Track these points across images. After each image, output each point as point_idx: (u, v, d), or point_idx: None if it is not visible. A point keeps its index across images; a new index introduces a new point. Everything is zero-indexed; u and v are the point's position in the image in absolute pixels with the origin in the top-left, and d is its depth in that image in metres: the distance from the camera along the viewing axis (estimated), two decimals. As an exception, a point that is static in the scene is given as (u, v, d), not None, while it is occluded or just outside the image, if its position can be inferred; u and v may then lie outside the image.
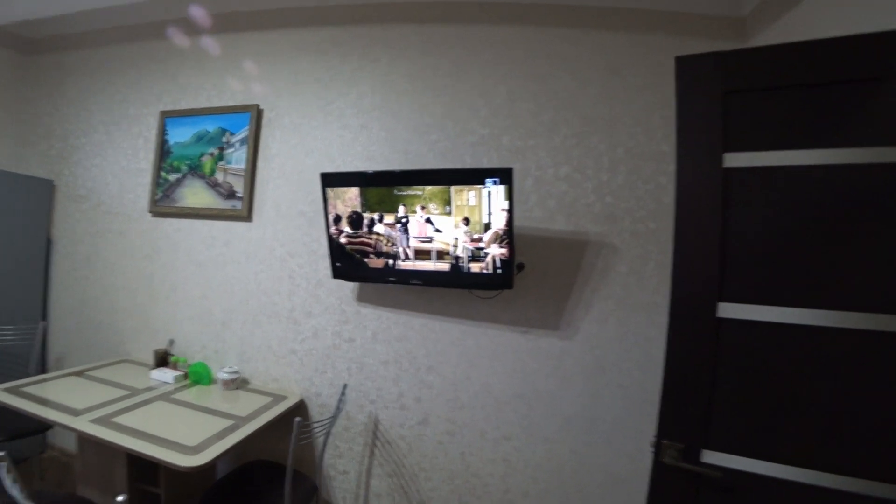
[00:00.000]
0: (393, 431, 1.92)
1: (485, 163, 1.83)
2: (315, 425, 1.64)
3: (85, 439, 1.53)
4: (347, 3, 2.06)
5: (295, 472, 1.72)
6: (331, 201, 1.80)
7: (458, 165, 1.84)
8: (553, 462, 1.73)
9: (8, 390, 1.76)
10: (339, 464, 2.01)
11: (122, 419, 1.58)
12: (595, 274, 1.71)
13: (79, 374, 2.05)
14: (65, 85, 2.75)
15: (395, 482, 1.92)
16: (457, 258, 1.65)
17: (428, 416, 1.87)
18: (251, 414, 1.74)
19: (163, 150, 2.35)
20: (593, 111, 1.74)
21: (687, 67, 1.15)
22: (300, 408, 2.01)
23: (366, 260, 1.81)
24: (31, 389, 1.80)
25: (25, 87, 2.87)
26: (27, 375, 2.21)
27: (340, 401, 1.86)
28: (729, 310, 1.08)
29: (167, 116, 2.35)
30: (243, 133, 2.16)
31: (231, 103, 2.23)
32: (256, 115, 2.16)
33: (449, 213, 1.61)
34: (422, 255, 1.70)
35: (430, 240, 1.67)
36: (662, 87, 1.65)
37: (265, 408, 1.81)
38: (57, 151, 2.71)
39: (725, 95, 1.10)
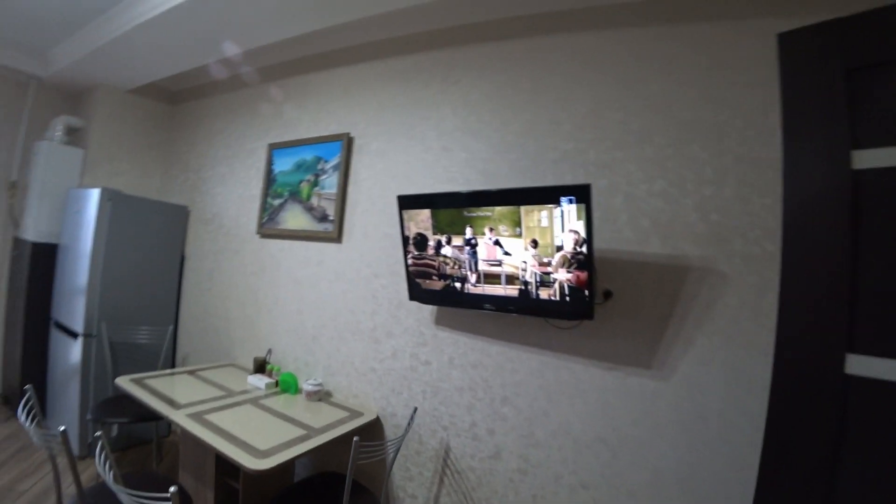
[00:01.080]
0: (463, 462, 1.91)
1: (568, 180, 1.78)
2: (381, 445, 1.72)
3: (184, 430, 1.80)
4: (429, 29, 2.21)
5: (364, 490, 1.81)
6: (406, 223, 1.91)
7: (540, 183, 1.82)
8: (640, 522, 1.55)
9: (133, 381, 2.17)
10: (409, 487, 2.05)
11: (212, 417, 1.83)
12: (698, 305, 1.53)
13: (191, 372, 2.44)
14: (198, 127, 3.39)
15: (463, 516, 1.90)
16: (525, 283, 1.62)
17: (500, 451, 1.83)
18: (325, 426, 1.87)
19: (269, 179, 2.74)
20: (692, 115, 1.59)
21: (794, 44, 0.97)
22: (375, 425, 2.11)
23: (427, 282, 1.87)
24: (151, 382, 2.19)
25: (170, 130, 3.62)
26: (161, 368, 2.71)
27: (409, 424, 1.92)
28: (862, 365, 0.85)
29: (274, 148, 2.74)
30: (336, 160, 2.42)
31: (325, 133, 2.51)
32: (347, 142, 2.40)
33: (519, 235, 1.60)
34: (491, 278, 1.70)
35: (499, 263, 1.67)
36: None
37: (340, 422, 1.95)
38: (191, 182, 3.33)
39: (849, 74, 0.88)
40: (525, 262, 1.61)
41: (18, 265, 3.40)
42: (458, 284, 1.80)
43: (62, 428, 1.39)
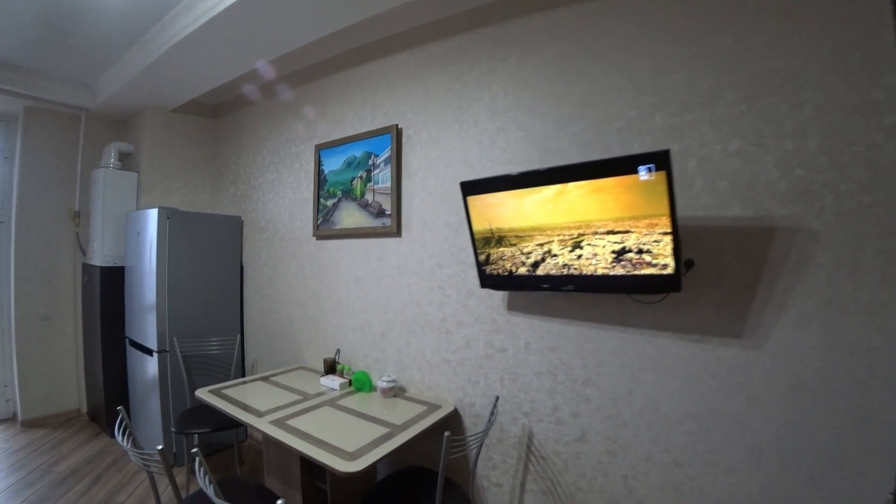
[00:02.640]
0: (548, 447, 2.05)
1: (636, 148, 1.85)
2: (468, 439, 1.88)
3: (267, 437, 2.02)
4: (466, 8, 2.32)
5: (448, 481, 1.98)
6: (472, 209, 2.05)
7: (604, 156, 1.88)
8: (737, 498, 1.63)
9: (212, 392, 2.45)
10: (493, 475, 2.22)
11: (294, 422, 2.04)
12: (788, 268, 1.58)
13: (264, 379, 2.71)
14: (242, 137, 3.68)
15: (550, 501, 2.04)
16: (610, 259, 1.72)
17: (586, 433, 1.95)
18: (406, 422, 2.06)
19: (320, 179, 2.96)
20: (764, 66, 1.62)
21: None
22: (454, 417, 2.29)
23: (500, 268, 2.00)
24: (229, 392, 2.46)
25: (215, 144, 3.95)
26: (229, 378, 3.02)
27: (492, 413, 2.07)
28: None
29: (321, 149, 2.96)
30: (387, 153, 2.60)
31: (373, 127, 2.69)
32: (396, 134, 2.57)
33: (595, 211, 1.71)
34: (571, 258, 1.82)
35: (574, 241, 1.79)
36: (861, 18, 1.46)
37: (420, 416, 2.14)
38: (242, 192, 3.63)
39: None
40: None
41: (89, 290, 3.84)
42: (533, 268, 1.93)
43: (160, 447, 1.62)
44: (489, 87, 2.27)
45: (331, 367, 2.73)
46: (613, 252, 1.70)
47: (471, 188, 2.03)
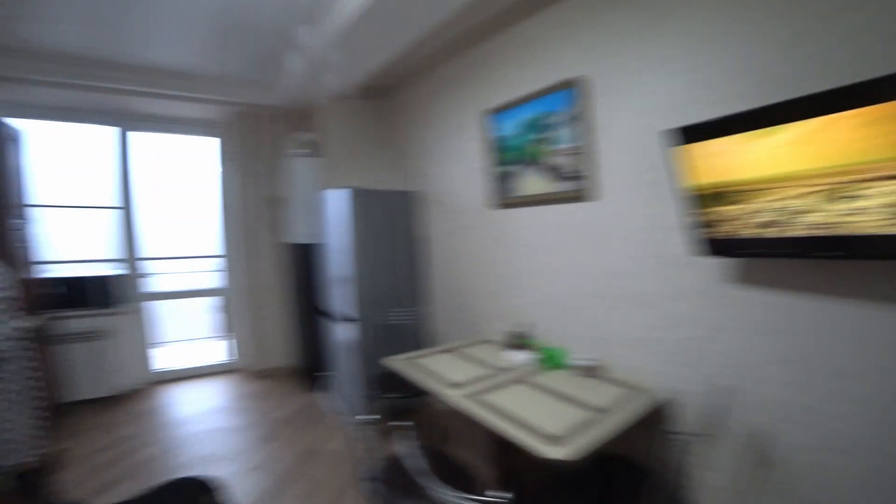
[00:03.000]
0: (787, 453, 1.67)
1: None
2: (685, 436, 1.63)
3: (458, 408, 2.00)
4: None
5: (657, 478, 1.76)
6: (682, 162, 1.73)
7: (856, 79, 1.32)
8: None
9: (405, 361, 2.58)
10: (710, 477, 1.92)
11: (489, 397, 2.00)
12: None
13: (451, 350, 2.77)
14: (408, 114, 3.80)
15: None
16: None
17: (850, 442, 1.53)
18: (608, 406, 1.87)
19: (494, 147, 2.85)
20: None
21: None
22: (662, 405, 2.03)
23: (735, 229, 1.65)
24: (421, 361, 2.56)
25: (388, 124, 4.15)
26: (416, 348, 3.18)
27: (715, 405, 1.77)
28: None
29: (492, 114, 2.84)
30: (568, 110, 2.35)
31: (550, 83, 2.46)
32: (578, 87, 2.29)
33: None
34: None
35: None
36: None
37: (624, 401, 1.93)
38: (417, 168, 3.75)
39: None
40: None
41: (292, 266, 4.43)
42: (769, 228, 1.55)
43: (376, 417, 1.69)
44: (683, 19, 1.87)
45: (515, 342, 2.67)
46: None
47: (680, 136, 1.70)
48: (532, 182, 2.60)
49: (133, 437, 3.51)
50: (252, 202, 4.67)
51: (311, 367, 4.22)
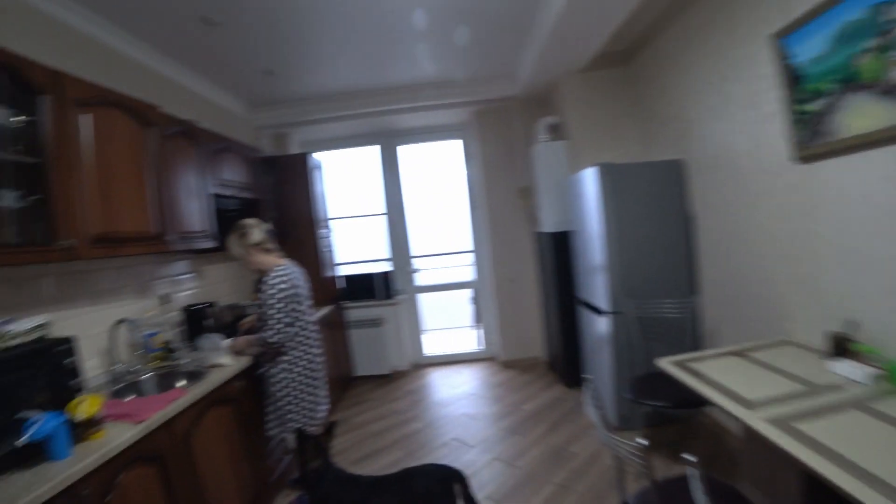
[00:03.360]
0: None
1: None
2: None
3: (754, 435, 1.48)
4: None
5: None
6: None
7: None
8: None
9: (677, 364, 2.08)
10: None
11: (804, 426, 1.40)
12: None
13: (740, 354, 2.13)
14: (662, 72, 3.22)
15: None
16: None
17: None
18: None
19: (792, 79, 2.10)
20: None
21: None
22: None
23: None
24: (698, 366, 2.03)
25: (634, 90, 3.68)
26: (682, 346, 2.70)
27: None
28: None
29: (783, 35, 2.09)
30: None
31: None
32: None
33: None
34: None
35: None
36: None
37: None
38: (677, 132, 3.13)
39: None
40: None
41: (543, 256, 4.29)
42: None
43: (644, 442, 1.33)
44: None
45: (841, 347, 1.90)
46: None
47: None
48: (865, 114, 1.80)
49: (400, 412, 3.96)
50: (498, 196, 4.77)
51: (564, 361, 4.02)
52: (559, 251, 3.90)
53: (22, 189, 1.65)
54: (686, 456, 1.27)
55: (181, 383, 2.33)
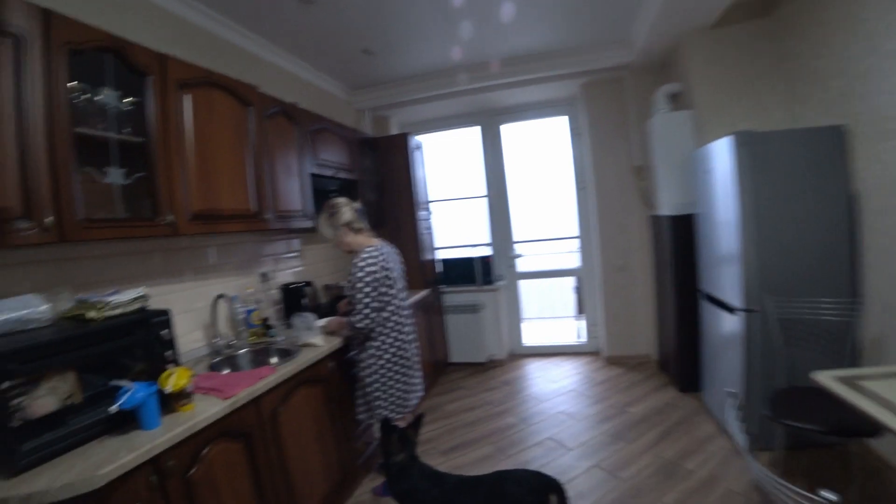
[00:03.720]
0: None
1: None
2: None
3: None
4: None
5: None
6: None
7: None
8: None
9: (841, 380, 1.65)
10: None
11: None
12: None
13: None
14: (820, 16, 2.61)
15: None
16: None
17: None
18: None
19: None
20: None
21: None
22: None
23: None
24: (872, 385, 1.59)
25: (778, 46, 3.09)
26: (839, 358, 2.29)
27: None
28: None
29: None
30: None
31: None
32: None
33: None
34: None
35: None
36: None
37: None
38: (835, 92, 2.55)
39: None
40: None
41: (660, 242, 3.84)
42: None
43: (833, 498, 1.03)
44: None
45: None
46: None
47: None
48: None
49: (494, 403, 3.81)
50: (607, 176, 4.36)
51: (678, 362, 3.58)
52: (679, 237, 3.43)
53: (127, 167, 1.73)
54: (826, 495, 0.99)
55: (274, 360, 2.39)
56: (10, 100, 1.36)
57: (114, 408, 1.36)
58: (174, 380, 1.52)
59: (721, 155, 2.66)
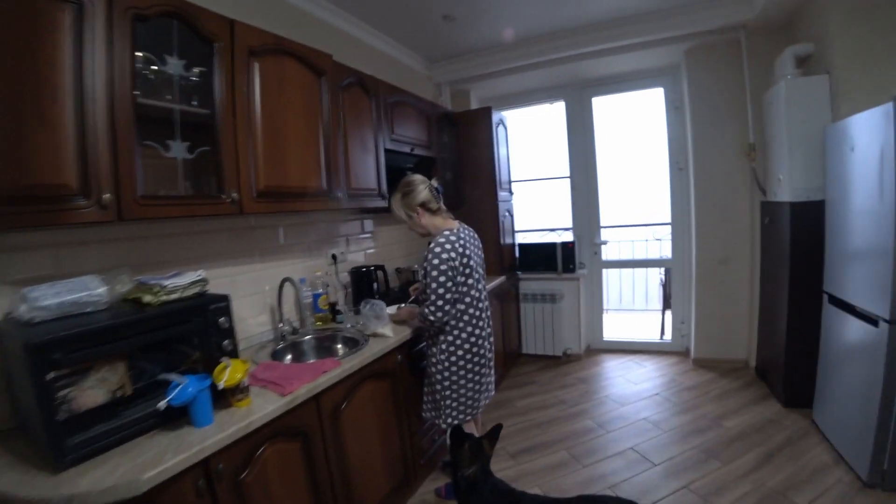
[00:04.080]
0: None
1: None
2: None
3: None
4: None
5: None
6: None
7: None
8: None
9: None
10: None
11: None
12: None
13: None
14: None
15: None
16: None
17: None
18: None
19: None
20: None
21: None
22: None
23: None
24: None
25: None
26: None
27: None
28: None
29: None
30: None
31: None
32: None
33: None
34: None
35: None
36: None
37: None
38: None
39: None
40: None
41: (772, 232, 3.31)
42: None
43: None
44: None
45: None
46: None
47: None
48: None
49: (569, 402, 3.53)
50: (710, 155, 3.82)
51: (785, 371, 3.08)
52: (800, 228, 2.90)
53: (190, 141, 1.63)
54: None
55: (339, 347, 2.28)
56: (69, 69, 1.28)
57: (162, 404, 1.27)
58: (229, 374, 1.41)
59: (870, 129, 2.16)
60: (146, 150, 1.52)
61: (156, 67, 1.56)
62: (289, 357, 2.20)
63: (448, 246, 2.04)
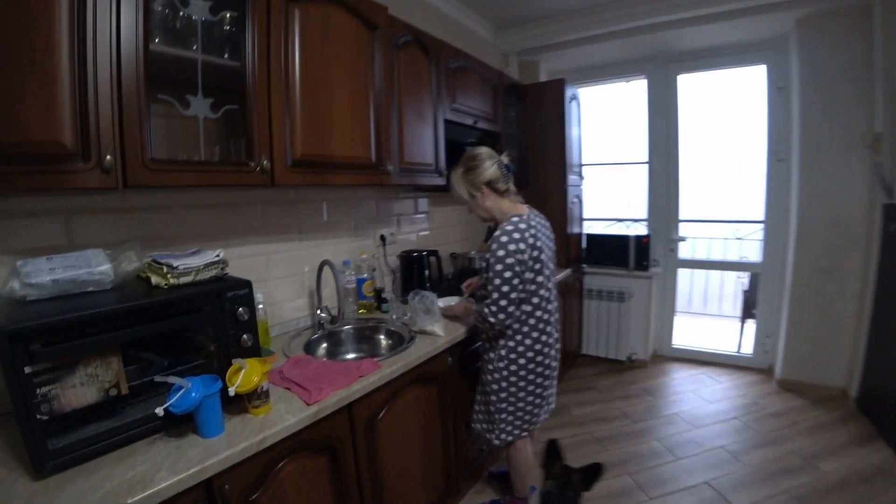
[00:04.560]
0: None
1: None
2: None
3: None
4: None
5: None
6: None
7: None
8: None
9: None
10: None
11: None
12: None
13: None
14: None
15: None
16: None
17: None
18: None
19: None
20: None
21: None
22: None
23: None
24: None
25: None
26: None
27: None
28: None
29: None
30: None
31: None
32: None
33: None
34: None
35: None
36: None
37: None
38: None
39: None
40: None
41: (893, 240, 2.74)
42: None
43: None
44: None
45: None
46: None
47: None
48: None
49: (633, 417, 3.15)
50: (820, 145, 3.23)
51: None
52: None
53: (213, 97, 1.39)
54: None
55: (382, 341, 2.04)
56: (65, 4, 1.05)
57: (159, 410, 1.05)
58: (243, 377, 1.18)
59: None
60: (161, 106, 1.30)
61: (175, 9, 1.32)
62: (324, 348, 1.98)
63: (517, 235, 1.71)
